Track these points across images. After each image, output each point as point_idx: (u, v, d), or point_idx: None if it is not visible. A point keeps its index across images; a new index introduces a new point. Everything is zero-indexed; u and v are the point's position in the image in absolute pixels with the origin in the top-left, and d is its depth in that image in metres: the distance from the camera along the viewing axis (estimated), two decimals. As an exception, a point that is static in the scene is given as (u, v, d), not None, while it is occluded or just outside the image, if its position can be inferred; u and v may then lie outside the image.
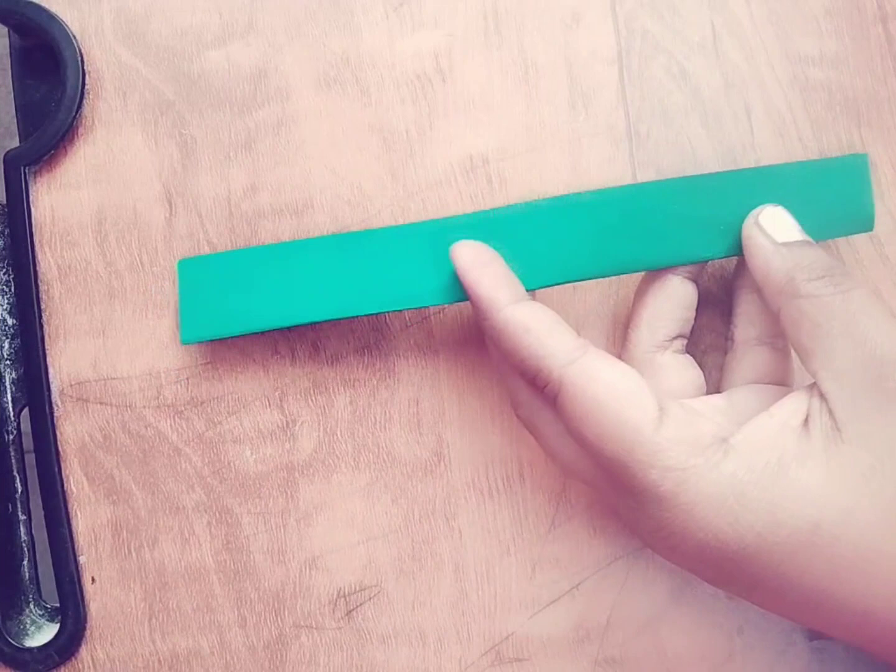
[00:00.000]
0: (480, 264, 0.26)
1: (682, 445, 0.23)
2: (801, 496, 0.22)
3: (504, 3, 0.32)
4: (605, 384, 0.24)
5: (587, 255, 0.27)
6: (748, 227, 0.26)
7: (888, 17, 0.32)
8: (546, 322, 0.25)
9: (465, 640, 0.31)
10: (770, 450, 0.23)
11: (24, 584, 0.33)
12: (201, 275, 0.30)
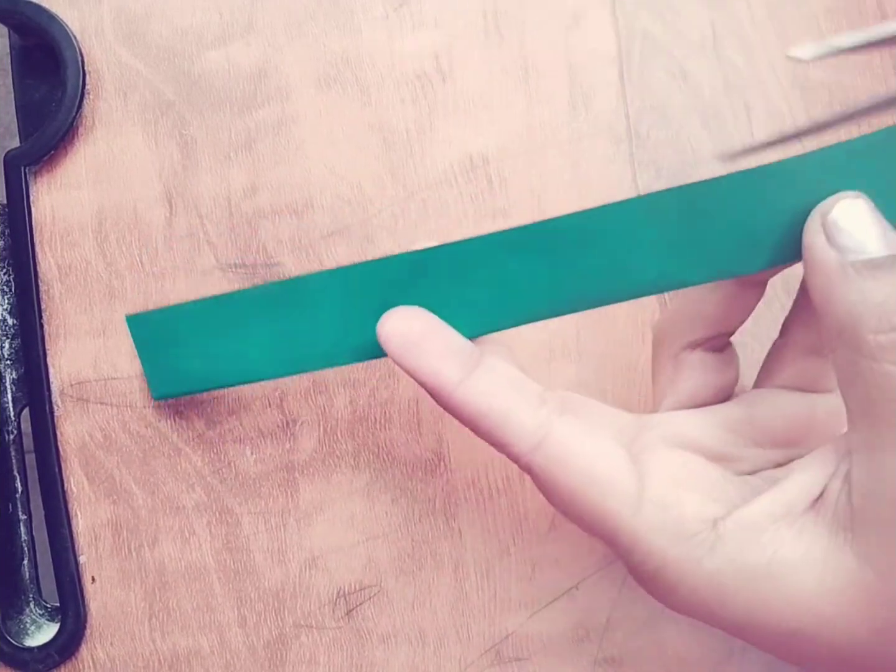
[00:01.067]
0: (412, 343, 0.23)
1: (662, 534, 0.21)
2: (784, 604, 0.20)
3: (504, 3, 0.32)
4: (575, 471, 0.22)
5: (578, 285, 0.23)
6: (810, 232, 0.20)
7: (888, 17, 0.32)
8: (502, 398, 0.22)
9: (465, 639, 0.31)
10: (762, 545, 0.20)
11: (24, 583, 0.33)
12: (152, 329, 0.28)
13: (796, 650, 0.21)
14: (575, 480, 0.22)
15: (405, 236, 0.32)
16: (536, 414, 0.22)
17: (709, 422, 0.24)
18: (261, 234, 0.32)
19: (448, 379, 0.22)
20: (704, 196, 0.22)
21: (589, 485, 0.22)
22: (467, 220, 0.32)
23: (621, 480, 0.22)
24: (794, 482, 0.21)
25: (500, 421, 0.22)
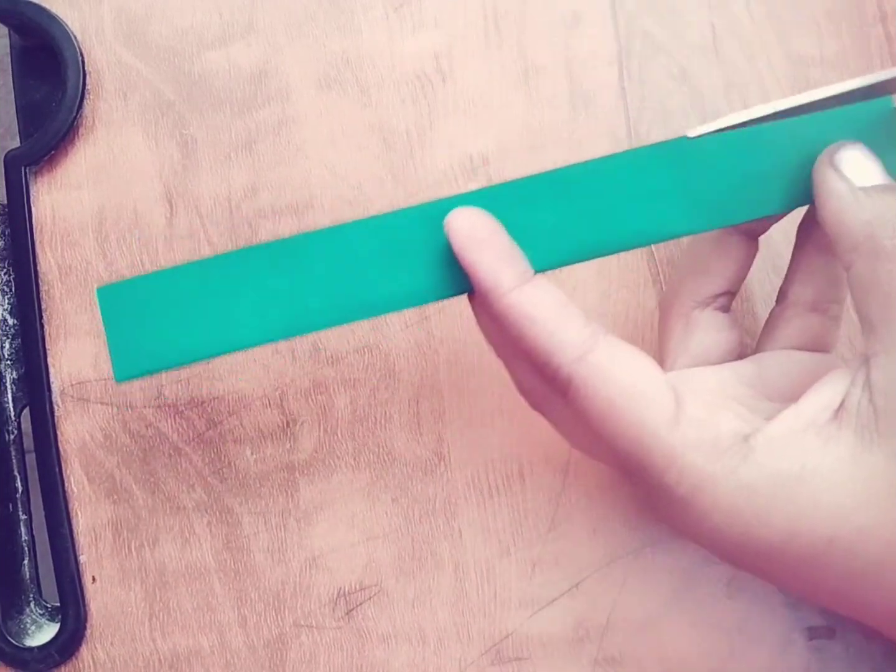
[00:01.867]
0: (479, 240, 0.23)
1: (699, 449, 0.22)
2: (819, 510, 0.21)
3: (504, 3, 0.32)
4: (617, 384, 0.22)
5: (615, 225, 0.24)
6: (821, 169, 0.23)
7: (888, 17, 0.32)
8: (552, 310, 0.23)
9: (465, 639, 0.31)
10: (792, 456, 0.21)
11: (24, 583, 0.33)
12: (128, 302, 0.26)
13: (832, 570, 0.21)
14: (616, 393, 0.22)
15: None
16: (584, 328, 0.23)
17: (724, 375, 0.25)
18: (261, 235, 0.32)
19: (506, 279, 0.23)
20: (713, 149, 0.24)
21: (630, 398, 0.22)
22: (467, 221, 0.32)
23: (661, 397, 0.22)
24: (815, 398, 0.22)
25: (549, 328, 0.23)
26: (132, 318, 0.26)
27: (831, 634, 0.30)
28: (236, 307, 0.25)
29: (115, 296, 0.26)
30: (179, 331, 0.25)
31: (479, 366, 0.32)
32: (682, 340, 0.26)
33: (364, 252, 0.25)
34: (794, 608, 0.30)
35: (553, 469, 0.31)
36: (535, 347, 0.23)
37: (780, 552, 0.22)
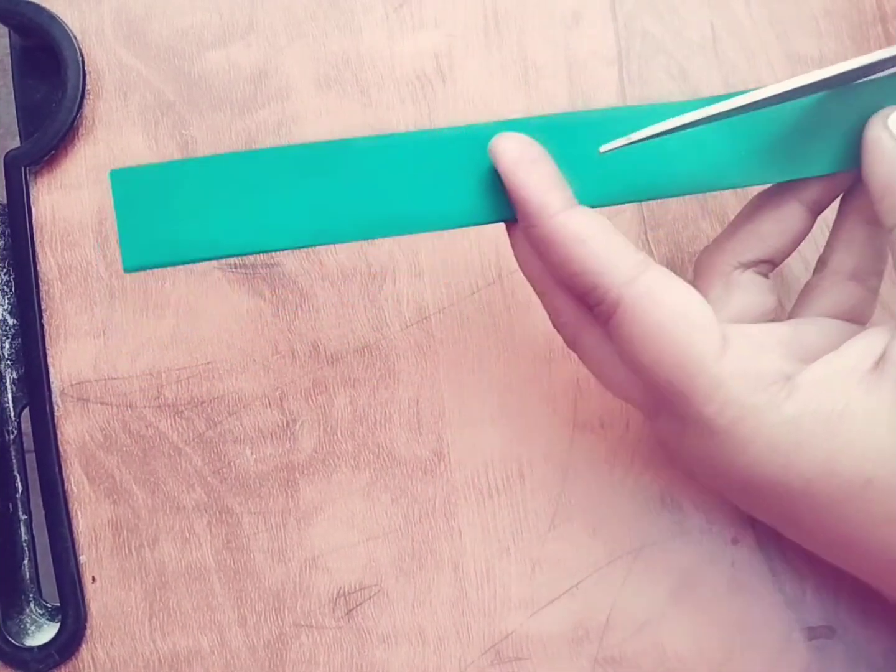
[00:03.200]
0: (528, 161, 0.23)
1: (744, 380, 0.22)
2: (859, 450, 0.21)
3: (504, 3, 0.32)
4: (668, 308, 0.22)
5: (668, 169, 0.24)
6: (873, 129, 0.23)
7: (887, 17, 0.32)
8: (603, 233, 0.23)
9: (465, 639, 0.31)
10: (835, 395, 0.22)
11: (24, 583, 0.33)
12: (142, 189, 0.25)
13: (864, 512, 0.21)
14: (666, 317, 0.22)
15: (405, 237, 0.32)
16: (636, 253, 0.23)
17: (763, 331, 0.25)
18: (261, 235, 0.32)
19: (555, 199, 0.22)
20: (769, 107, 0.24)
21: (680, 323, 0.22)
22: (467, 221, 0.32)
23: (710, 327, 0.22)
24: (856, 347, 0.22)
25: (601, 248, 0.22)
26: (146, 206, 0.25)
27: (831, 634, 0.30)
28: (261, 206, 0.24)
29: (129, 180, 0.25)
30: (196, 224, 0.24)
31: (479, 366, 0.32)
32: (721, 297, 0.26)
33: (402, 166, 0.24)
34: (794, 608, 0.30)
35: (553, 469, 0.31)
36: (583, 269, 0.22)
37: (814, 490, 0.22)
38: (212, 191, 0.24)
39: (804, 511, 0.22)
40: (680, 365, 0.22)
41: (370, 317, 0.32)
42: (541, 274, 0.24)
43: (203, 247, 0.24)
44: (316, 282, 0.32)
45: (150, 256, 0.25)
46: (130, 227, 0.25)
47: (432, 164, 0.24)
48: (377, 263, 0.32)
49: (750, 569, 0.30)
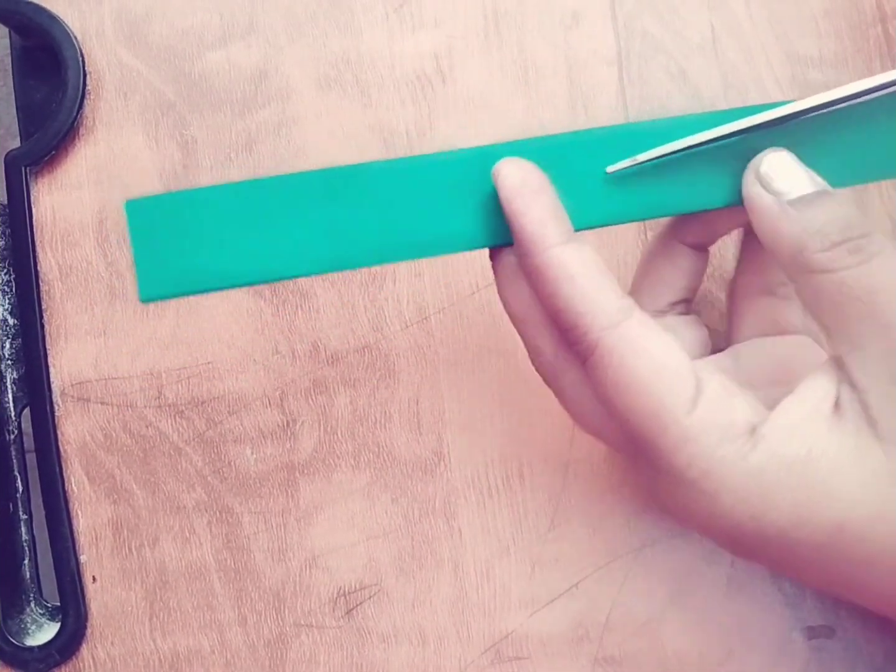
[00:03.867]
0: (530, 190, 0.23)
1: (712, 433, 0.22)
2: (827, 496, 0.21)
3: (504, 3, 0.32)
4: (645, 358, 0.22)
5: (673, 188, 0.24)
6: (748, 183, 0.23)
7: (887, 17, 0.32)
8: (593, 273, 0.22)
9: (465, 638, 0.31)
10: (800, 441, 0.21)
11: (25, 583, 0.33)
12: (158, 218, 0.25)
13: (842, 556, 0.21)
14: (642, 367, 0.22)
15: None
16: (621, 298, 0.23)
17: (708, 368, 0.24)
18: (261, 235, 0.32)
19: (551, 233, 0.22)
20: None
21: (655, 374, 0.22)
22: (467, 221, 0.32)
23: (685, 378, 0.22)
24: (811, 390, 0.22)
25: (587, 289, 0.22)
26: (161, 236, 0.25)
27: (831, 634, 0.30)
28: (276, 234, 0.24)
29: (144, 210, 0.25)
30: (212, 253, 0.24)
31: (479, 366, 0.32)
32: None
33: (414, 189, 0.24)
34: (794, 608, 0.30)
35: (553, 469, 0.31)
36: (567, 307, 0.23)
37: (789, 539, 0.22)
38: (227, 219, 0.24)
39: (784, 555, 0.22)
40: (652, 416, 0.22)
41: (370, 317, 0.32)
42: (524, 312, 0.25)
43: (220, 276, 0.24)
44: (316, 282, 0.32)
45: (166, 287, 0.25)
46: (146, 258, 0.25)
47: (443, 186, 0.24)
48: (377, 263, 0.32)
49: (750, 569, 0.30)
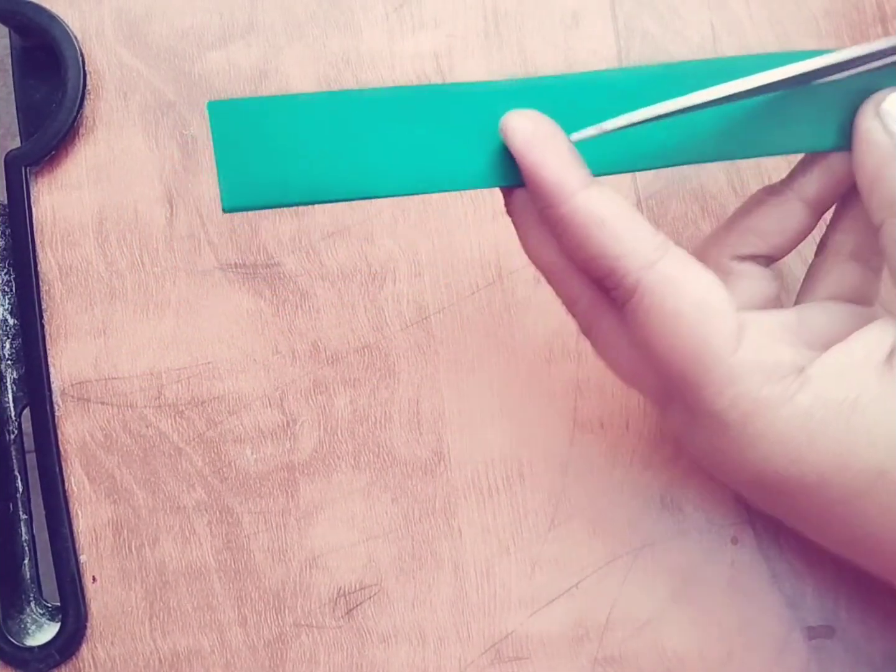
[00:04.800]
0: (542, 138, 0.22)
1: (758, 372, 0.21)
2: (872, 441, 0.21)
3: (504, 3, 0.32)
4: (687, 296, 0.21)
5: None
6: (864, 118, 0.22)
7: (887, 17, 0.32)
8: (623, 213, 0.22)
9: (465, 638, 0.31)
10: (849, 386, 0.21)
11: (25, 583, 0.33)
12: (243, 124, 0.24)
13: (876, 506, 0.21)
14: (684, 305, 0.21)
15: (405, 237, 0.32)
16: (656, 236, 0.22)
17: (767, 318, 0.24)
18: (261, 235, 0.32)
19: (572, 179, 0.21)
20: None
21: (697, 312, 0.21)
22: (467, 221, 0.32)
23: (728, 316, 0.21)
24: (866, 338, 0.22)
25: (619, 231, 0.21)
26: (245, 141, 0.23)
27: (831, 634, 0.30)
28: (364, 149, 0.23)
29: (228, 113, 0.23)
30: (297, 164, 0.23)
31: (479, 366, 0.32)
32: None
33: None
34: (794, 608, 0.30)
35: (553, 469, 0.31)
36: (601, 252, 0.22)
37: (827, 483, 0.21)
38: (316, 129, 0.23)
39: (816, 505, 0.22)
40: (695, 356, 0.21)
41: (370, 317, 0.32)
42: (553, 262, 0.24)
43: (304, 189, 0.23)
44: (316, 282, 0.32)
45: (249, 197, 0.24)
46: (229, 164, 0.24)
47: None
48: (377, 263, 0.32)
49: (750, 569, 0.30)
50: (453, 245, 0.32)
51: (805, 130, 0.23)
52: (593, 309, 0.24)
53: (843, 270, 0.25)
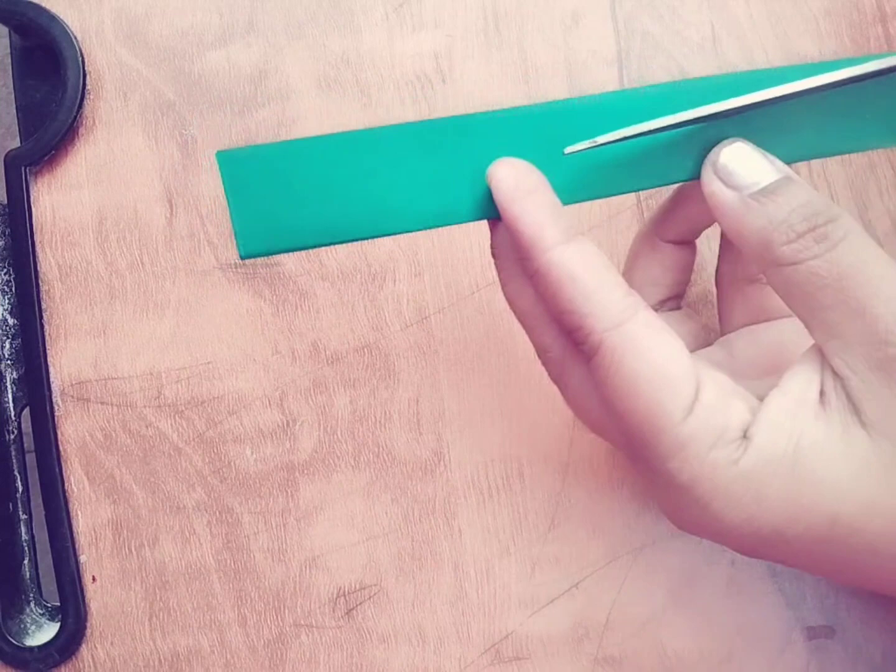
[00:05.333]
0: (525, 192, 0.22)
1: (704, 439, 0.21)
2: (818, 489, 0.21)
3: (504, 3, 0.32)
4: (645, 360, 0.22)
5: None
6: (707, 179, 0.22)
7: (887, 17, 0.32)
8: (595, 272, 0.22)
9: (465, 638, 0.31)
10: (787, 437, 0.21)
11: (25, 583, 0.33)
12: (253, 171, 0.24)
13: (838, 548, 0.21)
14: (642, 369, 0.21)
15: (405, 237, 0.32)
16: (625, 297, 0.22)
17: (707, 367, 0.24)
18: (261, 235, 0.32)
19: (550, 234, 0.22)
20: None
21: (654, 378, 0.21)
22: (467, 221, 0.32)
23: (685, 384, 0.22)
24: (797, 378, 0.22)
25: (590, 289, 0.22)
26: (257, 188, 0.24)
27: (831, 634, 0.30)
28: (378, 187, 0.23)
29: (237, 162, 0.24)
30: (311, 207, 0.23)
31: (479, 366, 0.32)
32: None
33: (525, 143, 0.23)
34: (794, 608, 0.30)
35: (553, 469, 0.31)
36: (570, 308, 0.22)
37: (786, 537, 0.22)
38: (322, 172, 0.23)
39: (785, 553, 0.22)
40: (649, 419, 0.22)
41: (370, 317, 0.32)
42: (529, 309, 0.24)
43: (318, 232, 0.24)
44: (316, 282, 0.32)
45: (266, 243, 0.24)
46: (242, 212, 0.24)
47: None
48: (377, 263, 0.32)
49: (749, 569, 0.30)
50: (453, 245, 0.32)
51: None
52: (564, 359, 0.24)
53: (746, 295, 0.26)
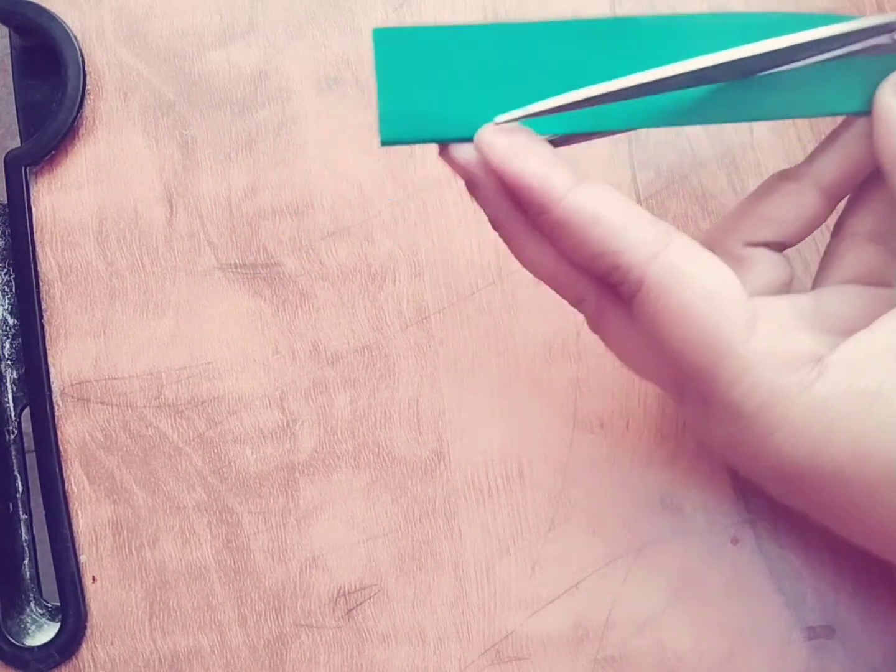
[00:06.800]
0: (520, 149, 0.21)
1: (773, 362, 0.20)
2: (891, 432, 0.20)
3: (504, 3, 0.32)
4: (694, 287, 0.20)
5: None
6: (883, 95, 0.22)
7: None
8: (617, 207, 0.21)
9: (465, 639, 0.31)
10: (870, 375, 0.20)
11: (24, 583, 0.33)
12: (408, 53, 0.23)
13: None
14: (691, 296, 0.21)
15: (405, 237, 0.32)
16: (655, 225, 0.21)
17: (781, 304, 0.23)
18: (261, 235, 0.32)
19: (560, 181, 0.21)
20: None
21: (706, 303, 0.21)
22: (467, 221, 0.32)
23: (739, 305, 0.21)
24: (888, 325, 0.21)
25: (617, 225, 0.21)
26: (410, 72, 0.23)
27: (831, 634, 0.30)
28: (536, 83, 0.22)
29: (394, 41, 0.23)
30: (461, 97, 0.22)
31: (479, 366, 0.32)
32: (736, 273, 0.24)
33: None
34: (794, 608, 0.30)
35: (553, 469, 0.31)
36: (601, 250, 0.21)
37: (846, 475, 0.21)
38: (482, 62, 0.22)
39: (836, 497, 0.21)
40: (706, 347, 0.21)
41: (370, 317, 0.32)
42: (553, 269, 0.23)
43: (462, 125, 0.22)
44: (316, 282, 0.32)
45: (408, 130, 0.23)
46: (390, 95, 0.23)
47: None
48: (377, 263, 0.32)
49: (750, 569, 0.30)
50: (453, 245, 0.32)
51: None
52: (601, 306, 0.23)
53: (861, 253, 0.24)
